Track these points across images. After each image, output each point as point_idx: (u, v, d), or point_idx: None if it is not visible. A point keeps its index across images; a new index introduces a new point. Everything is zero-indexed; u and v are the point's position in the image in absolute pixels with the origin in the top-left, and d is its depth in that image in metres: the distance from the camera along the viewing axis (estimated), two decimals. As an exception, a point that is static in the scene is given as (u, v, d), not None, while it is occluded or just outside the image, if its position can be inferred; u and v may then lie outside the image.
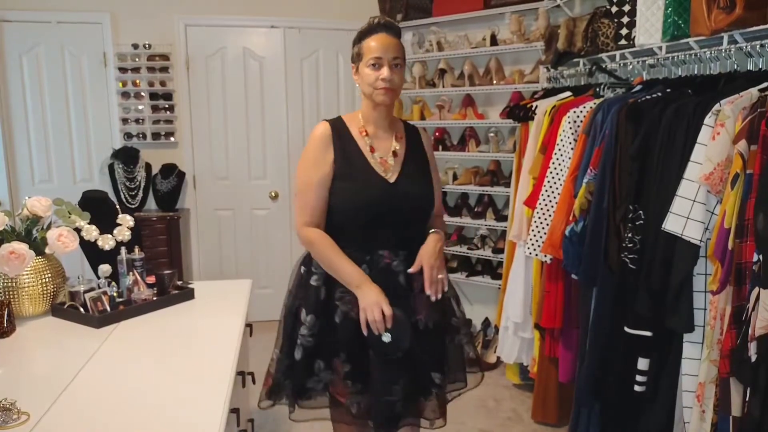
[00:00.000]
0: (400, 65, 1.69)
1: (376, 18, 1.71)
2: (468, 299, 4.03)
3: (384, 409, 1.65)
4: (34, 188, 3.78)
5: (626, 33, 2.41)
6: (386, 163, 1.72)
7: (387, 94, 1.67)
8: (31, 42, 3.72)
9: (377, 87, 1.66)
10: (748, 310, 1.51)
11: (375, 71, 1.66)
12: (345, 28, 4.07)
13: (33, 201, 1.96)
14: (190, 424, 1.27)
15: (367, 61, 1.67)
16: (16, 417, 1.25)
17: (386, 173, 1.70)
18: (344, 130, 1.74)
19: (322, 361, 1.69)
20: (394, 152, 1.74)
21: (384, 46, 1.66)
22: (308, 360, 1.70)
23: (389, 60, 1.65)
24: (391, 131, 1.77)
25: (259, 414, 2.90)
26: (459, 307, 1.88)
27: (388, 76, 1.65)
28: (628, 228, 1.92)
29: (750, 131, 1.54)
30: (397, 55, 1.67)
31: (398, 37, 1.72)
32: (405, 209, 1.69)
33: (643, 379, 1.94)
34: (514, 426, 2.84)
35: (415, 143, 1.81)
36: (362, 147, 1.72)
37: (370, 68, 1.67)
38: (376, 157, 1.71)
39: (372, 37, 1.68)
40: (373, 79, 1.66)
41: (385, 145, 1.74)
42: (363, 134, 1.74)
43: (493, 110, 3.76)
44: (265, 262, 4.21)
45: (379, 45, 1.66)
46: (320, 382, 1.71)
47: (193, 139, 4.04)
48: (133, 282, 2.00)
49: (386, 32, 1.68)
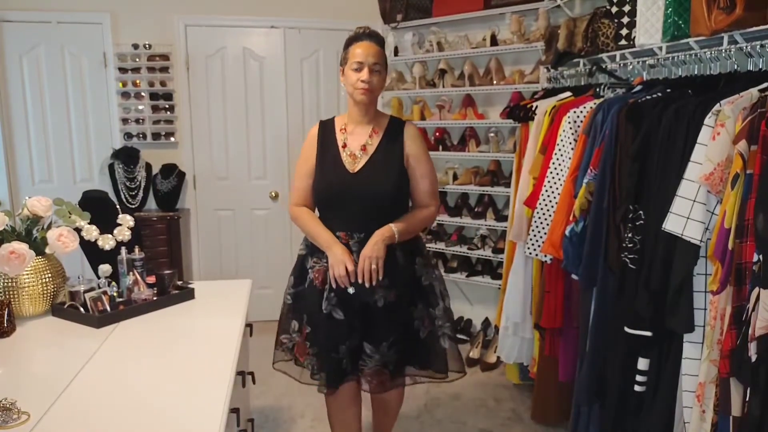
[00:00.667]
0: (380, 70, 1.96)
1: (362, 28, 2.00)
2: (468, 299, 4.03)
3: (332, 363, 1.98)
4: (34, 188, 3.79)
5: (626, 33, 2.41)
6: (354, 156, 2.01)
7: (365, 93, 1.95)
8: (31, 42, 3.73)
9: (357, 87, 1.94)
10: (749, 310, 1.51)
11: (357, 73, 1.94)
12: (345, 29, 4.04)
13: (33, 201, 1.96)
14: (190, 424, 1.27)
15: (351, 65, 1.95)
16: (16, 417, 1.25)
17: (352, 165, 1.99)
18: (331, 129, 2.08)
19: (296, 322, 2.07)
20: (363, 147, 2.02)
21: (366, 53, 1.93)
22: (287, 316, 2.10)
23: (370, 65, 1.93)
24: (369, 127, 2.04)
25: (259, 414, 2.90)
26: (444, 302, 2.10)
27: (367, 78, 1.92)
28: (628, 228, 1.92)
29: (750, 131, 1.54)
30: (377, 61, 1.94)
31: (381, 45, 1.98)
32: (362, 196, 1.97)
33: (643, 379, 1.94)
34: (514, 426, 2.84)
35: (392, 138, 2.03)
36: (339, 142, 2.04)
37: (353, 71, 1.95)
38: (347, 151, 2.02)
39: (357, 44, 1.96)
40: (355, 80, 1.94)
41: (358, 140, 2.03)
42: (342, 131, 2.06)
43: (494, 110, 3.76)
44: (265, 262, 4.21)
45: (362, 51, 1.93)
46: (291, 342, 2.09)
47: (193, 139, 4.04)
48: (133, 282, 2.01)
49: (369, 40, 1.96)
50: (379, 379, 2.01)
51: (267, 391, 3.14)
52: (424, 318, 2.05)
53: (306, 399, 3.08)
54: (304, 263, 2.07)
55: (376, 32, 2.01)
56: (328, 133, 2.07)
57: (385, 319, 1.97)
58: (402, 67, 4.05)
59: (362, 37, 1.96)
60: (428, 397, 3.12)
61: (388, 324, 1.98)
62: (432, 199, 2.08)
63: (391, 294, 1.97)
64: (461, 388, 3.22)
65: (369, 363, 1.99)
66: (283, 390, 3.17)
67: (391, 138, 2.02)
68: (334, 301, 1.96)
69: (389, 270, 1.94)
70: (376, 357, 1.98)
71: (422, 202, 2.05)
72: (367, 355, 1.98)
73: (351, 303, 1.95)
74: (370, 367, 1.99)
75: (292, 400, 3.07)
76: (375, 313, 1.96)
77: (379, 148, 2.01)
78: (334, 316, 1.96)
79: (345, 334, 1.96)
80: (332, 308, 1.96)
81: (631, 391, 1.97)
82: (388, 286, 1.96)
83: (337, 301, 1.96)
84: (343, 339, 1.96)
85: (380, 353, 1.98)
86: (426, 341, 2.05)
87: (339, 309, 1.96)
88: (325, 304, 1.97)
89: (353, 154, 2.01)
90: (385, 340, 1.98)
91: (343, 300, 1.95)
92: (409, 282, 2.03)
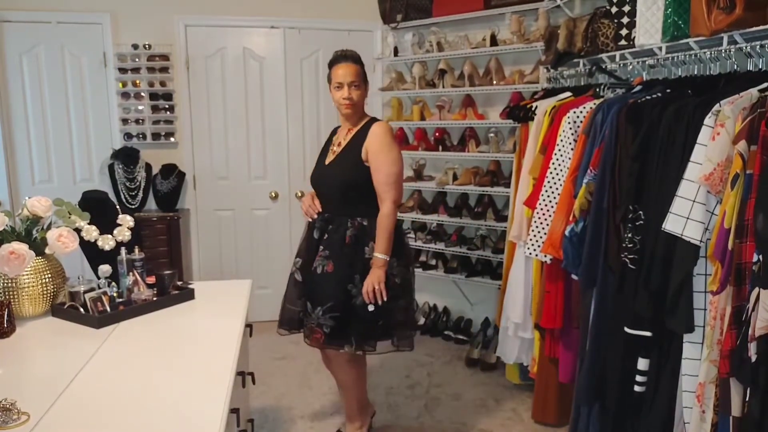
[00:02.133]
0: (358, 85, 2.33)
1: (340, 51, 2.37)
2: (468, 299, 4.03)
3: (290, 314, 2.47)
4: (34, 188, 3.78)
5: (626, 33, 2.41)
6: (334, 152, 2.42)
7: (348, 108, 2.35)
8: (31, 42, 3.72)
9: (341, 103, 2.35)
10: (748, 310, 1.51)
11: (339, 91, 2.33)
12: (345, 29, 4.08)
13: (33, 201, 1.96)
14: (190, 424, 1.27)
15: (333, 85, 2.35)
16: (16, 417, 1.25)
17: (329, 159, 2.42)
18: (335, 131, 2.53)
19: None
20: (338, 143, 2.42)
21: (344, 73, 2.31)
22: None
23: (348, 83, 2.31)
24: (349, 127, 2.42)
25: (258, 414, 2.91)
26: (397, 278, 2.37)
27: (347, 95, 2.31)
28: (628, 228, 1.92)
29: (750, 131, 1.55)
30: (355, 79, 2.31)
31: (357, 63, 2.34)
32: (327, 184, 2.41)
33: (643, 380, 1.94)
34: (514, 426, 2.84)
35: (359, 136, 2.36)
36: (333, 139, 2.49)
37: (335, 90, 2.34)
38: (332, 148, 2.44)
39: (336, 66, 2.33)
40: (338, 98, 2.34)
41: (339, 137, 2.45)
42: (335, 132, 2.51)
43: (493, 110, 3.76)
44: (265, 262, 4.21)
45: (341, 72, 2.32)
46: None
47: (193, 139, 4.04)
48: (133, 282, 2.01)
49: (346, 61, 2.32)
50: (314, 336, 2.37)
51: (267, 392, 3.14)
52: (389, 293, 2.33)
53: (306, 399, 3.08)
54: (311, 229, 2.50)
55: (352, 52, 2.36)
56: (332, 135, 2.53)
57: (323, 285, 2.34)
58: (402, 67, 4.05)
59: (340, 59, 2.33)
60: (428, 397, 3.12)
61: (328, 291, 2.33)
62: (386, 191, 2.31)
63: (328, 264, 2.33)
64: (461, 389, 3.22)
65: (307, 320, 2.39)
66: (283, 390, 3.18)
67: (359, 135, 2.36)
68: (299, 264, 2.46)
69: (330, 244, 2.35)
70: (312, 317, 2.35)
71: (379, 193, 2.32)
72: (306, 312, 2.40)
73: (308, 269, 2.39)
74: (308, 323, 2.38)
75: (292, 401, 3.07)
76: (314, 278, 2.36)
77: (348, 144, 2.38)
78: (295, 278, 2.46)
79: (299, 292, 2.45)
80: (297, 271, 2.46)
81: (631, 391, 1.97)
82: (325, 257, 2.34)
83: (300, 264, 2.44)
84: (298, 295, 2.45)
85: (316, 315, 2.33)
86: (358, 311, 2.32)
87: (300, 272, 2.45)
88: (292, 266, 2.50)
89: (333, 150, 2.43)
90: (320, 304, 2.33)
91: (304, 265, 2.42)
92: (356, 259, 2.33)
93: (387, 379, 3.29)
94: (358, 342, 2.34)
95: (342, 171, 2.36)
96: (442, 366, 3.53)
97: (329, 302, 2.31)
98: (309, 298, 2.38)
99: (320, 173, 2.45)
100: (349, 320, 2.32)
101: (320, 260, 2.34)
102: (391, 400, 3.10)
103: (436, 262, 3.95)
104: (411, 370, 3.44)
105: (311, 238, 2.44)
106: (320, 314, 2.32)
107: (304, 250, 2.47)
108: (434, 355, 3.66)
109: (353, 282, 2.32)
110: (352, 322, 2.33)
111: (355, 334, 2.34)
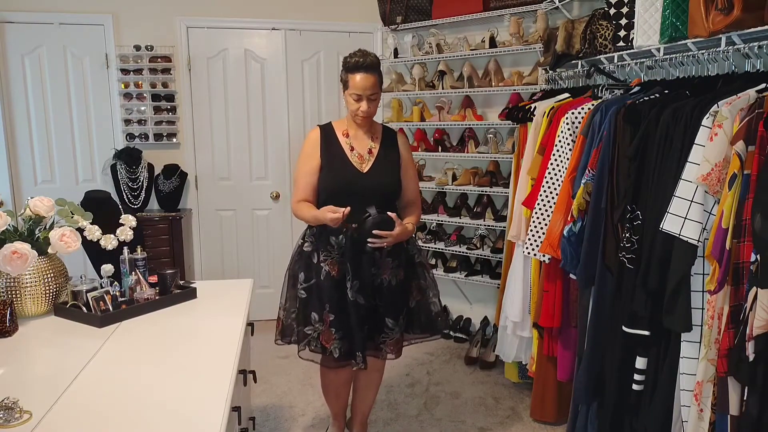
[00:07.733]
0: (375, 98, 2.24)
1: (362, 57, 2.18)
2: (467, 298, 4.04)
3: (360, 342, 2.22)
4: (36, 188, 3.80)
5: (624, 35, 2.42)
6: (362, 158, 2.30)
7: (363, 119, 2.27)
8: (34, 43, 3.74)
9: (358, 114, 2.24)
10: (746, 309, 1.53)
11: (356, 102, 2.22)
12: (346, 30, 4.10)
13: (36, 201, 1.97)
14: (192, 423, 1.28)
15: (350, 93, 2.22)
16: (18, 416, 1.26)
17: (361, 165, 2.28)
18: (331, 133, 2.33)
19: (315, 313, 2.24)
20: (369, 150, 2.31)
21: (364, 85, 2.18)
22: (305, 311, 2.27)
23: (367, 96, 2.20)
24: (369, 134, 2.33)
25: (260, 412, 2.92)
26: (428, 274, 2.42)
27: (365, 108, 2.22)
28: (625, 228, 1.93)
29: (747, 132, 1.56)
30: (374, 91, 2.21)
31: (377, 72, 2.22)
32: (373, 191, 2.25)
33: (641, 378, 1.95)
34: (513, 424, 2.85)
35: (389, 145, 2.35)
36: (343, 145, 2.30)
37: (352, 98, 2.22)
38: (354, 154, 2.29)
39: (356, 74, 2.18)
40: (355, 109, 2.23)
41: (362, 144, 2.32)
42: (345, 135, 2.32)
43: (492, 111, 3.77)
44: (266, 261, 4.23)
45: (360, 84, 2.18)
46: (315, 332, 2.25)
47: (195, 140, 4.05)
48: (136, 281, 2.02)
49: (367, 72, 2.18)
50: (398, 346, 2.32)
51: (268, 390, 3.15)
52: (413, 290, 2.36)
53: (307, 397, 3.09)
54: (311, 258, 2.27)
55: (372, 58, 2.21)
56: (330, 137, 2.33)
57: (399, 295, 2.29)
58: (401, 68, 4.06)
59: (361, 68, 2.18)
60: (428, 396, 3.14)
61: (402, 299, 2.31)
62: (418, 196, 2.47)
63: (400, 273, 2.28)
64: (460, 387, 3.23)
65: (391, 334, 2.27)
66: (285, 388, 3.19)
67: (388, 144, 2.35)
68: (356, 287, 2.20)
69: (397, 253, 2.26)
70: (396, 329, 2.27)
71: (411, 198, 2.39)
72: (389, 328, 2.26)
73: (368, 287, 2.23)
74: (392, 338, 2.28)
75: (293, 399, 3.08)
76: (390, 291, 2.25)
77: (381, 152, 2.33)
78: (359, 302, 2.21)
79: (367, 314, 2.24)
80: (356, 295, 2.20)
81: (630, 389, 1.98)
82: (396, 267, 2.26)
83: (359, 287, 2.21)
84: (367, 319, 2.24)
85: (399, 325, 2.28)
86: (415, 309, 2.36)
87: (361, 295, 2.21)
88: (351, 292, 2.19)
89: (361, 156, 2.30)
90: (400, 313, 2.29)
91: (363, 286, 2.21)
92: (409, 262, 2.34)
93: (387, 378, 3.30)
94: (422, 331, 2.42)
95: (392, 177, 2.31)
96: (442, 364, 3.54)
97: (404, 308, 2.32)
98: (388, 313, 2.25)
99: (353, 180, 2.24)
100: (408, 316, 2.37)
101: (392, 271, 2.25)
102: (391, 398, 3.11)
103: (436, 262, 3.97)
104: (411, 369, 3.45)
105: (356, 253, 2.19)
106: (402, 322, 2.31)
107: (355, 268, 2.20)
108: (434, 354, 3.68)
109: (410, 281, 2.36)
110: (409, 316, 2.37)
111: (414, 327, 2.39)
